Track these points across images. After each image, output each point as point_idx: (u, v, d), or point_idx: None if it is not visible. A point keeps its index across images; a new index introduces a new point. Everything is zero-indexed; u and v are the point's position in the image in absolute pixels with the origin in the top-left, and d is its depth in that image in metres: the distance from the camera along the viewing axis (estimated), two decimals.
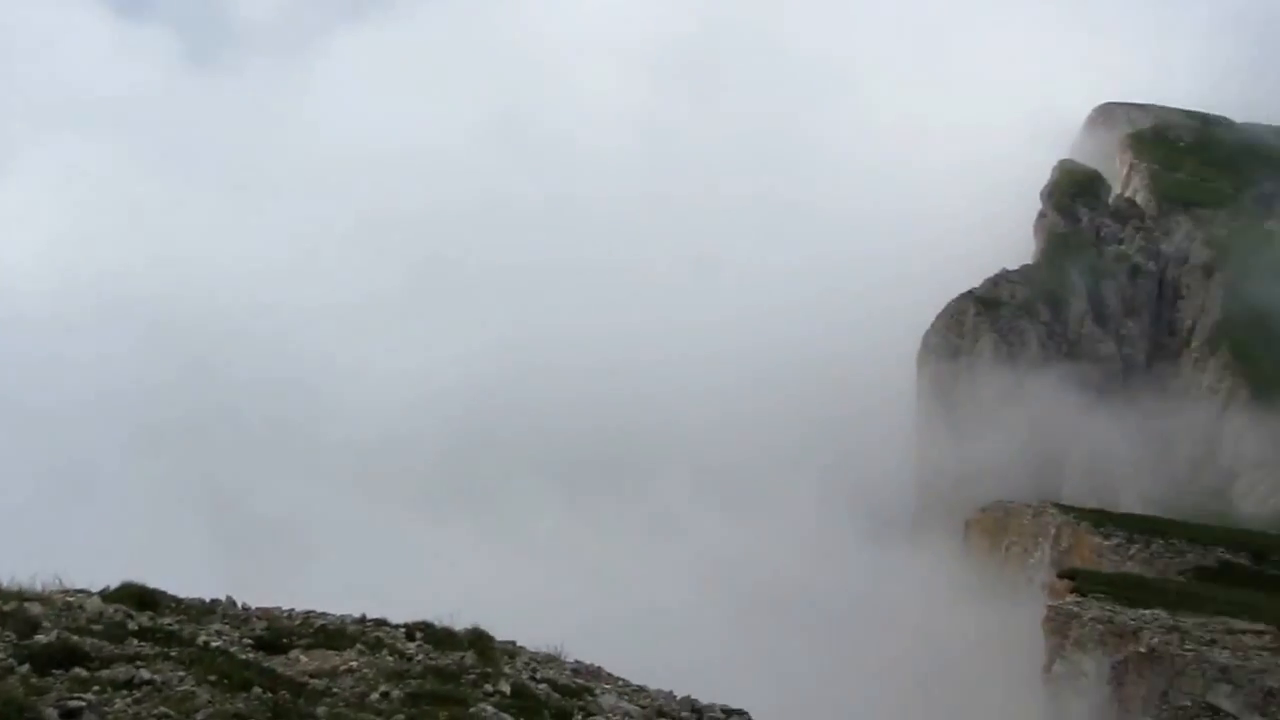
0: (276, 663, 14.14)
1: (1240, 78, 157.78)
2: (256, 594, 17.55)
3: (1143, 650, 35.97)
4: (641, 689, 18.91)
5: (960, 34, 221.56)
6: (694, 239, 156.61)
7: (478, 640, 17.58)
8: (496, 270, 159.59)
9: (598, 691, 17.37)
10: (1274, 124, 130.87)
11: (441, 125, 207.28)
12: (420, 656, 15.97)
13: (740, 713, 19.39)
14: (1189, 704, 25.44)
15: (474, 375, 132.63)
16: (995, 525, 66.96)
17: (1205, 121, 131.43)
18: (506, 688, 15.40)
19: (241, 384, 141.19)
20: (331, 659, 14.76)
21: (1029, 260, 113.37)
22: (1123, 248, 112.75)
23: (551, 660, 18.63)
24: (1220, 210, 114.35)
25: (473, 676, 15.51)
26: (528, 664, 17.60)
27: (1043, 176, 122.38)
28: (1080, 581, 45.17)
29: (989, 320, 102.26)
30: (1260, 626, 37.63)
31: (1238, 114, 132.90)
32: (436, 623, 17.84)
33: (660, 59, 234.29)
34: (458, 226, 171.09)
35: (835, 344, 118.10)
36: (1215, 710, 25.17)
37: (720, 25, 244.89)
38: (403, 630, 17.29)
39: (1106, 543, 54.92)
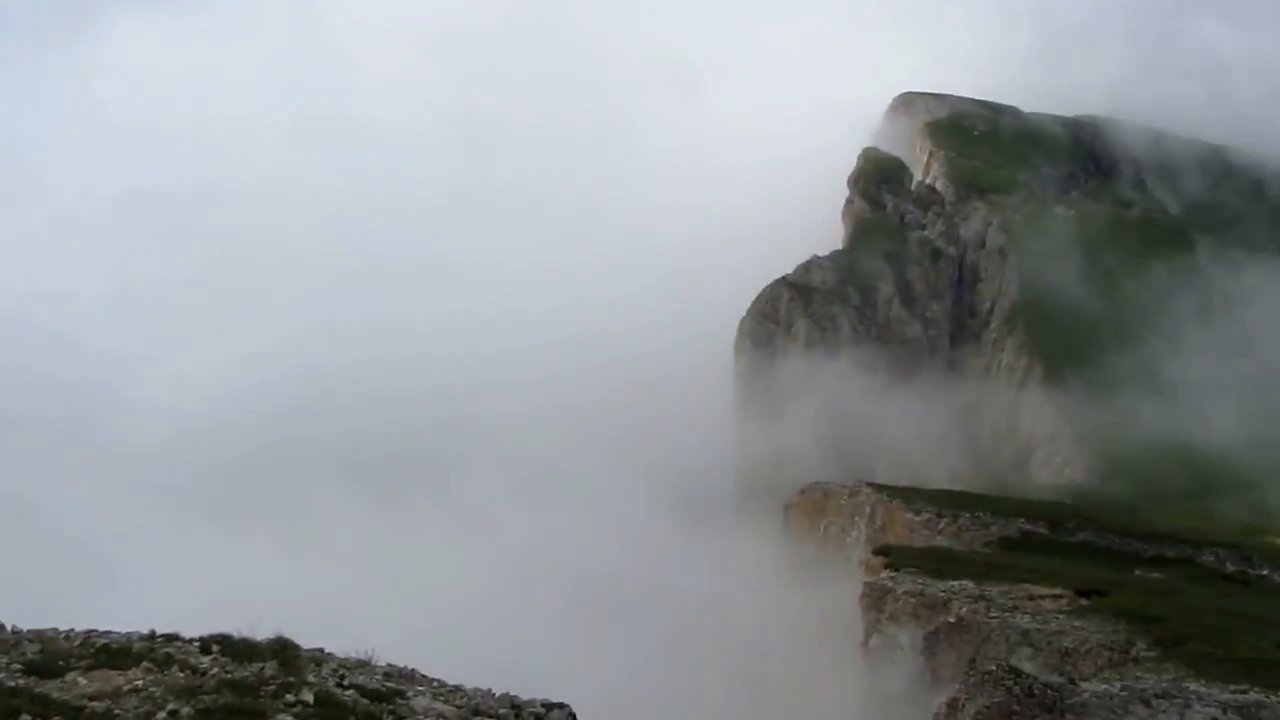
0: (51, 687, 13.25)
1: (1024, 68, 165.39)
2: (30, 615, 16.44)
3: (952, 620, 37.12)
4: (458, 689, 18.57)
5: (761, 28, 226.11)
6: (504, 233, 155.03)
7: (281, 650, 16.95)
8: (294, 263, 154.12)
9: (410, 694, 16.95)
10: (1056, 113, 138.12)
11: (237, 111, 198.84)
12: (216, 670, 15.30)
13: (561, 706, 19.19)
14: (994, 668, 26.33)
15: (271, 374, 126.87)
16: (813, 506, 68.25)
17: (996, 111, 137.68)
18: (310, 696, 14.89)
19: (7, 381, 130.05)
20: (114, 679, 13.96)
21: (839, 246, 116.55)
22: (925, 233, 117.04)
23: (362, 665, 18.11)
24: (1012, 196, 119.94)
25: (273, 687, 14.93)
26: (335, 671, 17.05)
27: (849, 164, 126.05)
28: (894, 557, 46.29)
29: (802, 305, 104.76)
30: (1058, 591, 39.40)
31: (1024, 103, 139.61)
32: (235, 634, 17.12)
33: (470, 48, 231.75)
34: (252, 216, 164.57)
35: (653, 338, 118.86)
36: (1018, 673, 26.14)
37: (527, 15, 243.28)
38: (197, 644, 16.52)
39: (918, 518, 56.59)
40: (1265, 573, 51.48)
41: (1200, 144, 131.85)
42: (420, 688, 17.75)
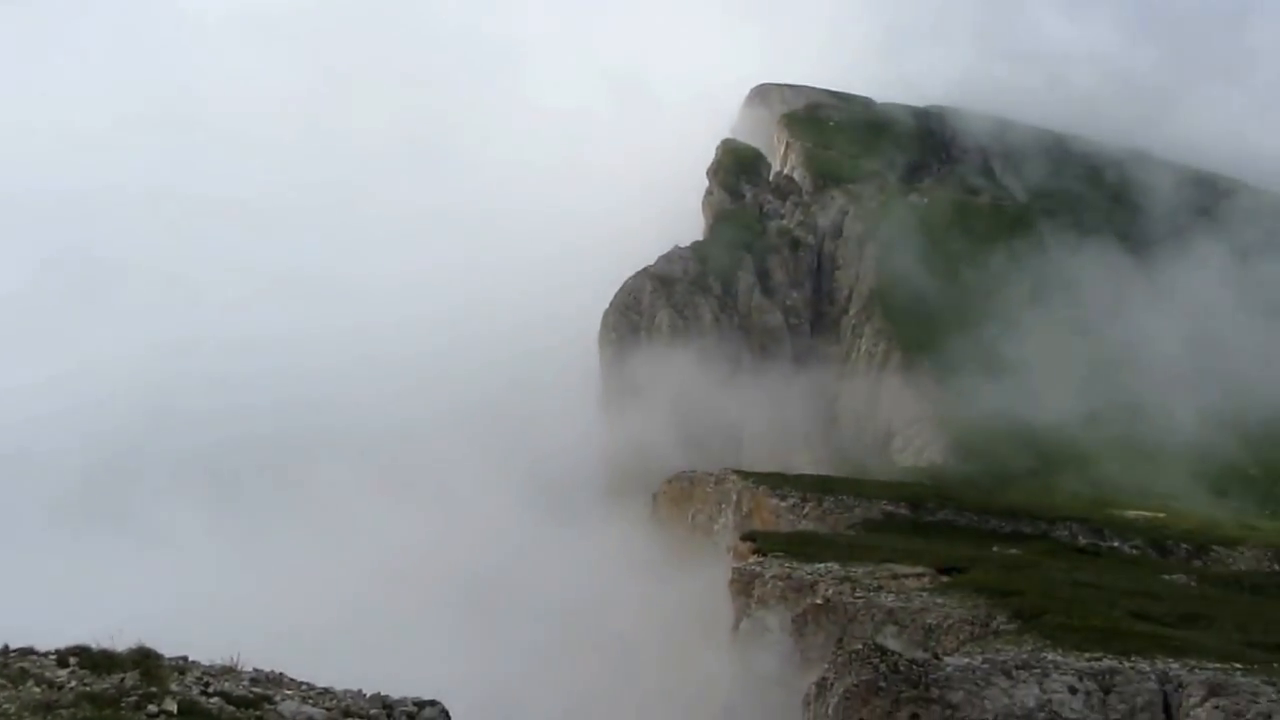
0: None
1: (874, 59, 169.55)
2: None
3: (819, 601, 37.83)
4: (327, 691, 18.25)
5: (615, 19, 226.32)
6: (353, 239, 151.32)
7: (143, 659, 16.42)
8: (136, 268, 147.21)
9: (278, 699, 16.58)
10: (906, 103, 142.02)
11: (69, 104, 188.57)
12: (74, 684, 14.76)
13: (433, 703, 18.99)
14: (861, 647, 26.95)
15: (116, 385, 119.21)
16: (681, 495, 68.91)
17: (849, 101, 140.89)
18: (173, 706, 14.49)
19: None
20: None
21: (700, 236, 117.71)
22: (784, 222, 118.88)
23: (228, 672, 17.66)
24: (867, 185, 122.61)
25: (135, 698, 14.48)
26: (200, 679, 16.60)
27: (708, 156, 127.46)
28: (761, 542, 47.02)
29: (664, 296, 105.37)
30: (920, 569, 40.49)
31: (876, 93, 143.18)
32: (94, 646, 16.51)
33: (311, 39, 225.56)
34: (91, 219, 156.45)
35: (518, 341, 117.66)
36: (883, 650, 26.79)
37: (370, 7, 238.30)
38: (53, 658, 15.88)
39: (783, 504, 57.65)
40: (1115, 544, 53.84)
41: (1042, 131, 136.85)
42: (289, 691, 17.40)
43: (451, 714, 19.34)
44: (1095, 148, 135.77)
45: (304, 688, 17.83)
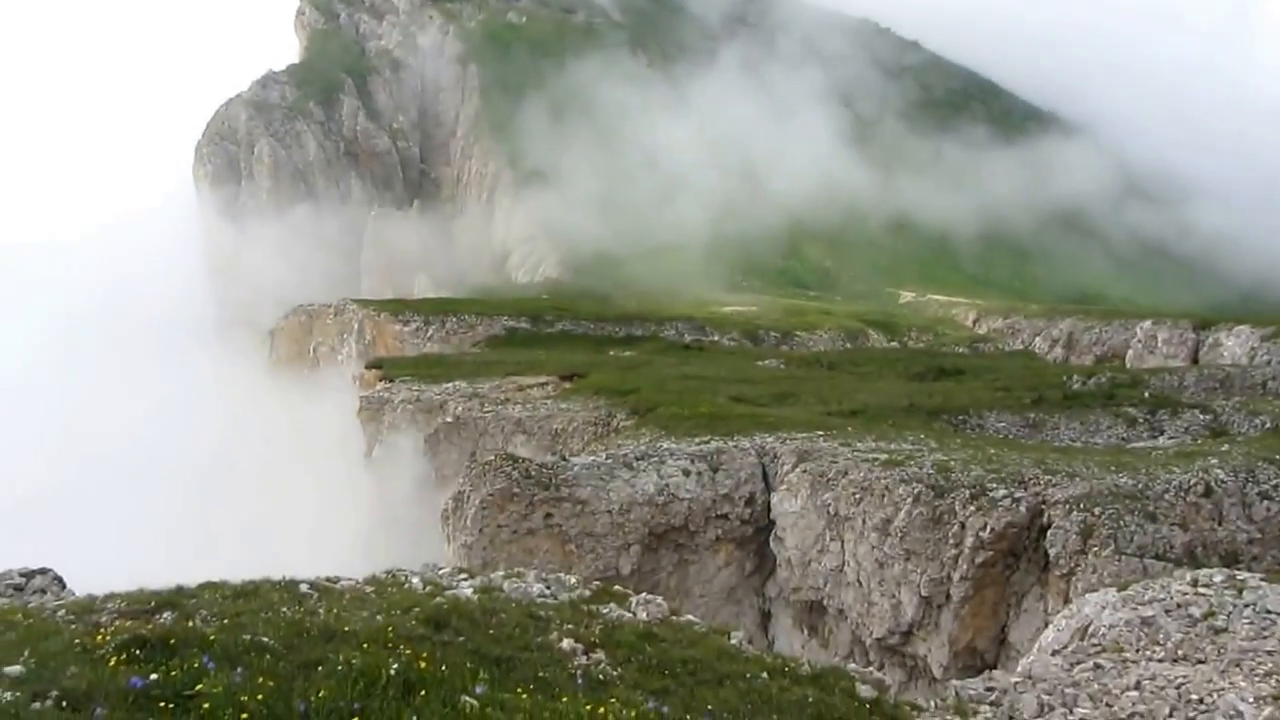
0: None
1: None
2: None
3: (450, 420, 38.81)
4: None
5: None
6: None
7: None
8: None
9: None
10: None
11: None
12: None
13: (44, 571, 18.18)
14: (493, 458, 28.14)
15: None
16: (300, 329, 67.55)
17: None
18: None
19: None
20: None
21: (295, 60, 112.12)
22: (383, 43, 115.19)
23: None
24: (466, 4, 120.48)
25: None
26: None
27: None
28: (387, 368, 47.27)
29: (263, 123, 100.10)
30: (544, 379, 42.29)
31: None
32: None
33: None
34: None
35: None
36: (515, 459, 28.17)
37: None
38: None
39: (406, 329, 58.01)
40: (716, 338, 58.25)
41: None
42: None
43: (66, 581, 18.41)
44: None
45: None
